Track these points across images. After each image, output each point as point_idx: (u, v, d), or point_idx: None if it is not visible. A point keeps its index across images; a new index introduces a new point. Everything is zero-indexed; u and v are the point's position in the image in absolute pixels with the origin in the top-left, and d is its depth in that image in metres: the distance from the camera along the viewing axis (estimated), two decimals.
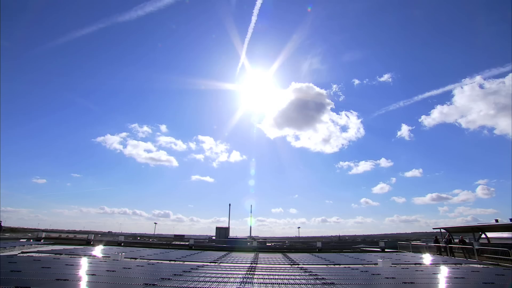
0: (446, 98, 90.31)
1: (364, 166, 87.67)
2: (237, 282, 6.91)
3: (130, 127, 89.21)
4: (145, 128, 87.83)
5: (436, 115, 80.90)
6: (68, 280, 6.55)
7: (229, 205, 42.36)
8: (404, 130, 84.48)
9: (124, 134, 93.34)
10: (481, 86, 72.34)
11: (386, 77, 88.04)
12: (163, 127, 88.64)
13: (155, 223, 57.99)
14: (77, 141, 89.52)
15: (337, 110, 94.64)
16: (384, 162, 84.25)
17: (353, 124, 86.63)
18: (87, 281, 6.64)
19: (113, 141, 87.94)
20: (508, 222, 22.15)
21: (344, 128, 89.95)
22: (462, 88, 76.36)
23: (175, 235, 42.73)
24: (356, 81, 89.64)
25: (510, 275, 9.12)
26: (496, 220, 23.86)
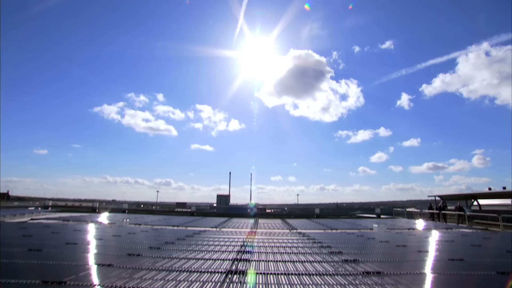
0: (450, 66, 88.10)
1: (362, 135, 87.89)
2: (238, 246, 7.25)
3: (127, 96, 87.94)
4: (142, 97, 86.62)
5: (437, 84, 79.35)
6: (77, 243, 6.86)
7: (230, 173, 43.18)
8: (404, 99, 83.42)
9: (121, 103, 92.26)
10: (487, 54, 70.10)
11: (388, 44, 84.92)
12: (160, 96, 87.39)
13: (157, 191, 59.29)
14: (75, 112, 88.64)
15: (337, 78, 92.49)
16: (383, 131, 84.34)
17: (353, 93, 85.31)
18: (95, 245, 6.95)
19: (110, 111, 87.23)
20: (501, 190, 22.73)
21: (343, 97, 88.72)
22: (467, 55, 74.12)
23: (177, 203, 43.99)
24: (357, 48, 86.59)
25: (496, 238, 9.57)
26: (489, 189, 24.47)
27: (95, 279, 3.97)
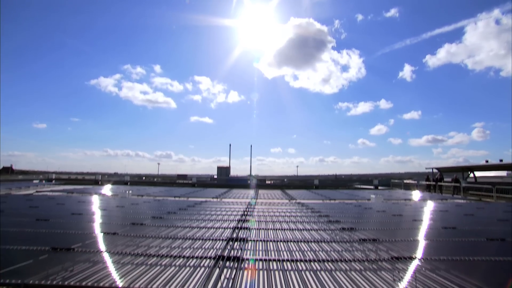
0: (457, 36, 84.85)
1: (363, 107, 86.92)
2: (239, 215, 7.48)
3: (123, 68, 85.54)
4: (139, 69, 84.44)
5: (442, 55, 76.92)
6: (82, 214, 7.07)
7: (230, 145, 43.43)
8: (407, 71, 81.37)
9: (117, 76, 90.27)
10: (497, 22, 67.11)
11: (393, 12, 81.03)
12: (157, 68, 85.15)
13: (158, 164, 60.16)
14: (71, 85, 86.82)
15: (338, 48, 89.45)
16: (383, 104, 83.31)
17: (354, 64, 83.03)
18: (100, 215, 7.16)
19: (107, 83, 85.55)
20: (497, 162, 23.00)
21: (344, 68, 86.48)
22: (476, 24, 71.22)
23: (178, 175, 44.69)
24: (360, 17, 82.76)
25: (488, 208, 9.84)
26: (486, 161, 24.77)
27: (101, 246, 4.14)
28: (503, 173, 23.79)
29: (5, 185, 17.95)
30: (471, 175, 25.35)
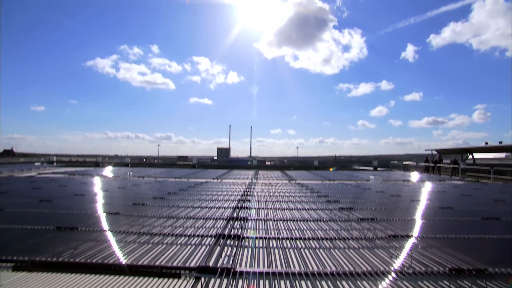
0: (463, 14, 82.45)
1: (364, 88, 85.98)
2: (239, 195, 7.59)
3: (120, 49, 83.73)
4: (136, 49, 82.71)
5: (447, 34, 75.09)
6: (84, 195, 7.17)
7: (229, 126, 43.43)
8: (409, 51, 79.86)
9: (114, 57, 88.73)
10: None
11: None
12: (155, 48, 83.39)
13: (158, 145, 60.55)
14: (68, 66, 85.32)
15: (340, 27, 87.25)
16: (385, 85, 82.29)
17: (356, 44, 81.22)
18: (102, 196, 7.27)
19: (104, 64, 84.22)
20: (497, 144, 23.05)
21: (346, 48, 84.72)
22: (484, 1, 68.99)
23: (179, 156, 44.96)
24: None
25: (485, 189, 9.97)
26: (486, 143, 24.82)
27: (105, 225, 4.23)
28: (502, 155, 23.90)
29: (7, 168, 18.10)
30: (470, 157, 25.50)
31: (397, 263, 2.85)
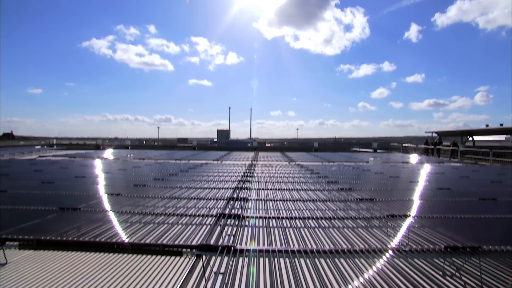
0: None
1: (365, 69, 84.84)
2: (239, 176, 7.66)
3: (116, 29, 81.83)
4: (132, 30, 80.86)
5: (453, 13, 73.21)
6: (85, 177, 7.23)
7: (229, 108, 43.22)
8: (413, 31, 78.24)
9: (110, 37, 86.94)
10: None
11: None
12: (152, 28, 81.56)
13: (158, 128, 60.44)
14: (64, 48, 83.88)
15: (342, 6, 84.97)
16: (386, 66, 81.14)
17: (358, 23, 79.31)
18: (103, 178, 7.33)
19: (100, 45, 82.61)
20: (497, 127, 22.99)
21: (348, 28, 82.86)
22: None
23: (179, 138, 45.03)
24: None
25: (484, 170, 10.05)
26: (487, 125, 24.76)
27: (107, 206, 4.30)
28: (502, 137, 23.91)
29: (8, 151, 18.15)
30: (470, 139, 25.52)
31: (394, 241, 2.92)
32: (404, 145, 26.15)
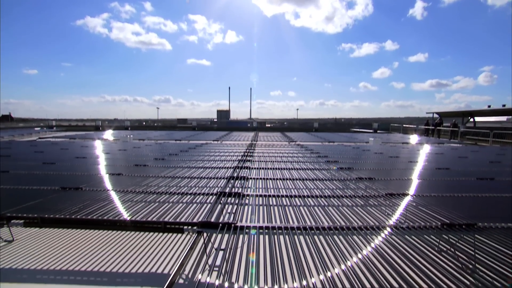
0: None
1: (367, 48, 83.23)
2: (240, 156, 7.69)
3: (110, 6, 79.32)
4: (127, 7, 78.40)
5: None
6: (86, 157, 7.26)
7: (229, 88, 42.82)
8: (418, 8, 76.04)
9: (105, 15, 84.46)
10: None
11: None
12: (148, 5, 79.13)
13: (158, 108, 59.84)
14: (58, 27, 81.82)
15: None
16: (389, 45, 79.53)
17: (362, 0, 76.70)
18: (103, 158, 7.36)
19: (95, 24, 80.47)
20: (500, 107, 22.81)
21: (350, 5, 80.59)
22: None
23: (178, 119, 44.88)
24: None
25: (483, 151, 10.08)
26: (489, 106, 24.57)
27: (108, 185, 4.34)
28: (503, 118, 23.83)
29: (7, 132, 18.11)
30: (471, 120, 25.42)
31: (391, 219, 2.97)
32: (404, 125, 26.08)
